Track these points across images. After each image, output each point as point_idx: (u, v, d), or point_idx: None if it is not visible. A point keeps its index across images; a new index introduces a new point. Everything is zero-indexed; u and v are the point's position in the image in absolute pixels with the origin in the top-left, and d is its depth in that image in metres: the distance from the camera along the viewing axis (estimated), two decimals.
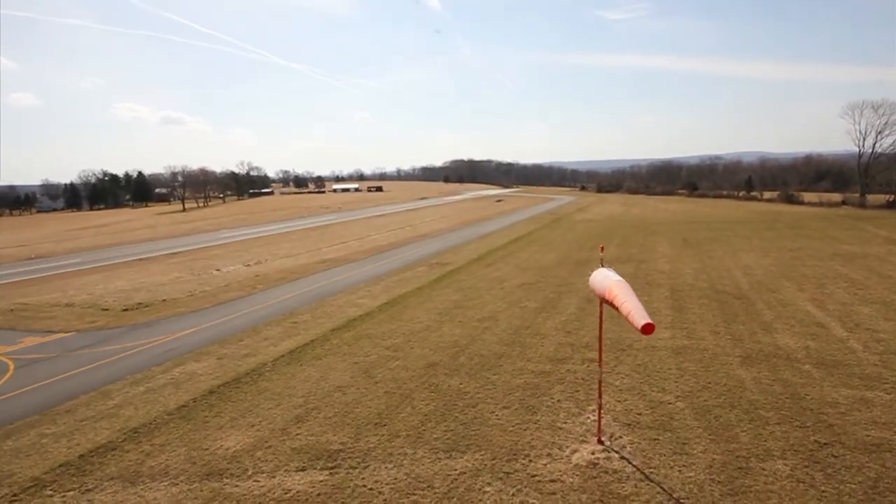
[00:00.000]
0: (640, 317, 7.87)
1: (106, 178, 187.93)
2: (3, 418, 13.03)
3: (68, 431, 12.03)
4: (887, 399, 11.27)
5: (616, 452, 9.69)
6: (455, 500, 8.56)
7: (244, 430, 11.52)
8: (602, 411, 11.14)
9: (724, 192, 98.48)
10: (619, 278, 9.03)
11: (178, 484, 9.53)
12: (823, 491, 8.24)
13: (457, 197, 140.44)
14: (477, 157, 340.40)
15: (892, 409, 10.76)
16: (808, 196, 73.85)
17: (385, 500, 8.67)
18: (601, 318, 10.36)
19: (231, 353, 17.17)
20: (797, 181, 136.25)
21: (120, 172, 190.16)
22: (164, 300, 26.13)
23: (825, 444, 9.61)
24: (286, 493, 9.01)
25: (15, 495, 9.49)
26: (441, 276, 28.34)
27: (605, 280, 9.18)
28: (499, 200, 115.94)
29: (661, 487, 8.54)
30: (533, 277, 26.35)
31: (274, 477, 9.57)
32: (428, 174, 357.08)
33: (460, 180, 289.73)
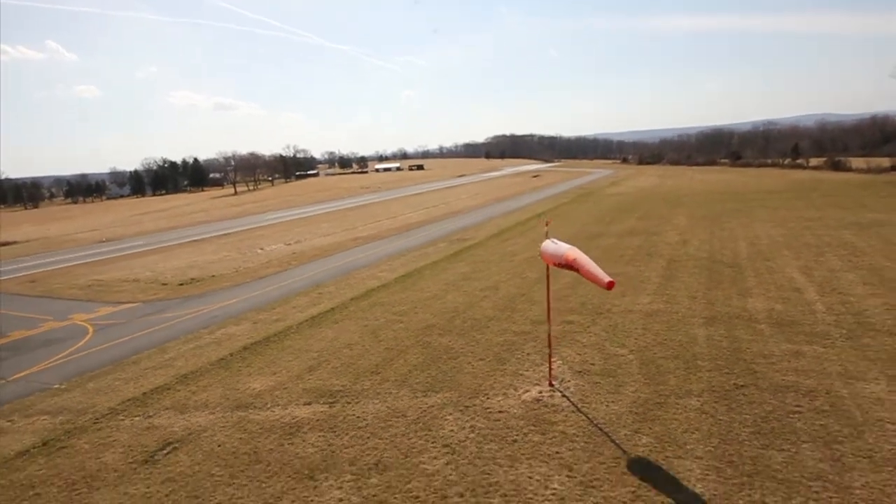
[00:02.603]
0: (602, 275, 9.62)
1: (165, 165, 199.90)
2: (86, 367, 16.39)
3: (134, 377, 15.16)
4: (820, 352, 12.59)
5: (560, 392, 11.66)
6: (421, 424, 10.84)
7: (268, 376, 14.22)
8: (560, 360, 13.14)
9: (770, 161, 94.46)
10: (571, 247, 10.75)
11: (214, 413, 12.31)
12: (720, 420, 9.95)
13: (495, 173, 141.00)
14: (519, 132, 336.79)
15: (817, 360, 12.13)
16: (857, 162, 70.24)
17: (367, 423, 11.07)
18: (548, 281, 12.20)
19: (264, 318, 20.08)
20: (859, 145, 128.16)
21: (179, 158, 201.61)
22: (214, 276, 29.62)
23: (741, 385, 11.21)
24: (294, 419, 11.57)
25: (97, 419, 12.54)
26: (458, 251, 30.45)
27: (559, 248, 10.88)
28: (535, 176, 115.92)
29: (586, 416, 10.49)
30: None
31: (286, 409, 12.16)
32: (470, 150, 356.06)
33: (502, 156, 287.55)
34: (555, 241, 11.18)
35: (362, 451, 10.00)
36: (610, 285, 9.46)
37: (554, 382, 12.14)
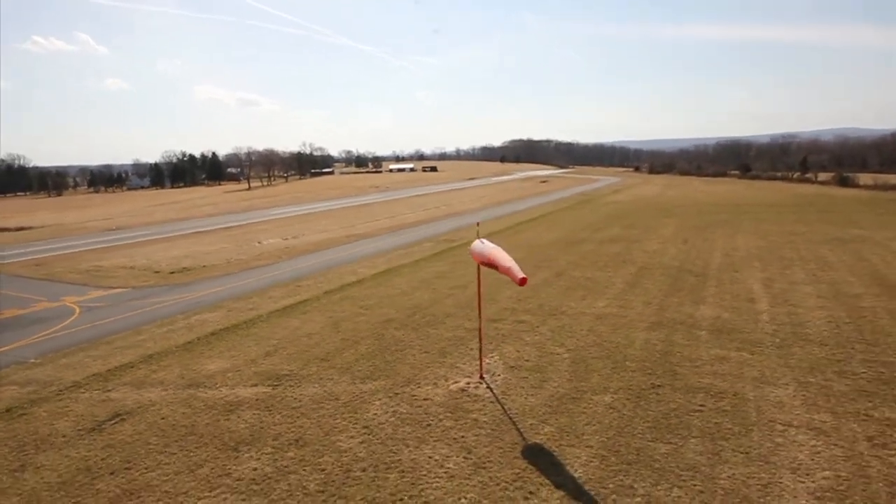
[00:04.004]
0: (517, 271, 10.39)
1: (185, 159, 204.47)
2: (64, 345, 17.43)
3: (104, 355, 16.12)
4: (746, 358, 13.02)
5: (486, 384, 12.29)
6: (350, 407, 11.56)
7: (225, 359, 15.05)
8: (498, 356, 13.79)
9: (779, 175, 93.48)
10: (496, 246, 11.55)
11: (167, 389, 13.16)
12: (624, 415, 10.49)
13: (505, 177, 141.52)
14: (536, 137, 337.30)
15: (739, 365, 12.58)
16: (864, 178, 69.37)
17: (301, 404, 11.81)
18: (479, 279, 12.83)
19: (239, 307, 20.98)
20: (878, 161, 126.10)
21: (201, 152, 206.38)
22: (205, 266, 30.73)
23: (657, 385, 11.73)
24: (237, 398, 12.37)
25: (60, 391, 13.47)
26: (441, 251, 31.15)
27: (485, 247, 11.67)
28: (543, 181, 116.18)
29: (502, 407, 11.11)
30: (520, 254, 28.51)
31: (233, 389, 12.97)
32: (486, 154, 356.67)
33: (517, 160, 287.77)
34: (483, 241, 11.85)
35: (288, 429, 10.74)
36: (522, 281, 10.17)
37: (485, 375, 12.76)
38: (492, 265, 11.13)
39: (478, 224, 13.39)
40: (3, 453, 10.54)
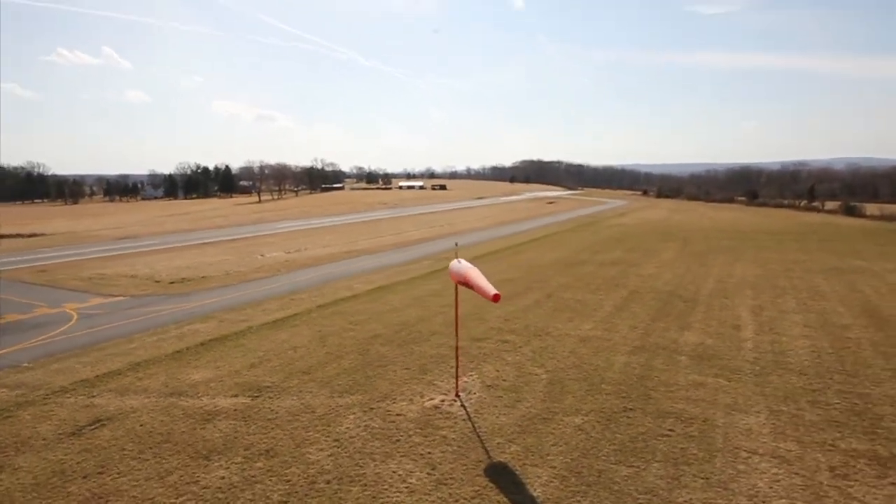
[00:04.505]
0: (488, 289, 10.59)
1: (198, 171, 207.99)
2: (57, 350, 17.81)
3: (94, 361, 16.45)
4: (722, 384, 13.05)
5: (461, 402, 12.41)
6: (324, 420, 11.73)
7: (210, 369, 15.31)
8: (476, 374, 13.91)
9: (786, 202, 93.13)
10: (471, 265, 11.79)
11: (149, 397, 13.42)
12: (592, 436, 10.57)
13: (513, 197, 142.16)
14: (546, 158, 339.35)
15: (714, 391, 12.60)
16: (871, 208, 68.95)
17: (277, 416, 12.00)
18: (457, 297, 13.03)
19: (232, 318, 21.31)
20: (889, 191, 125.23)
21: (218, 165, 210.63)
22: (204, 276, 31.21)
23: (629, 409, 11.78)
24: (215, 408, 12.59)
25: (47, 395, 13.78)
26: (438, 269, 31.38)
27: (462, 267, 11.89)
28: (550, 202, 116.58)
29: (472, 425, 11.22)
30: (516, 274, 28.74)
31: (214, 399, 13.20)
32: (497, 174, 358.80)
33: (527, 180, 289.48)
34: (460, 261, 12.10)
35: (261, 439, 10.92)
36: (495, 298, 10.35)
37: (461, 393, 12.89)
38: (467, 284, 11.35)
39: (456, 244, 13.69)
40: None
